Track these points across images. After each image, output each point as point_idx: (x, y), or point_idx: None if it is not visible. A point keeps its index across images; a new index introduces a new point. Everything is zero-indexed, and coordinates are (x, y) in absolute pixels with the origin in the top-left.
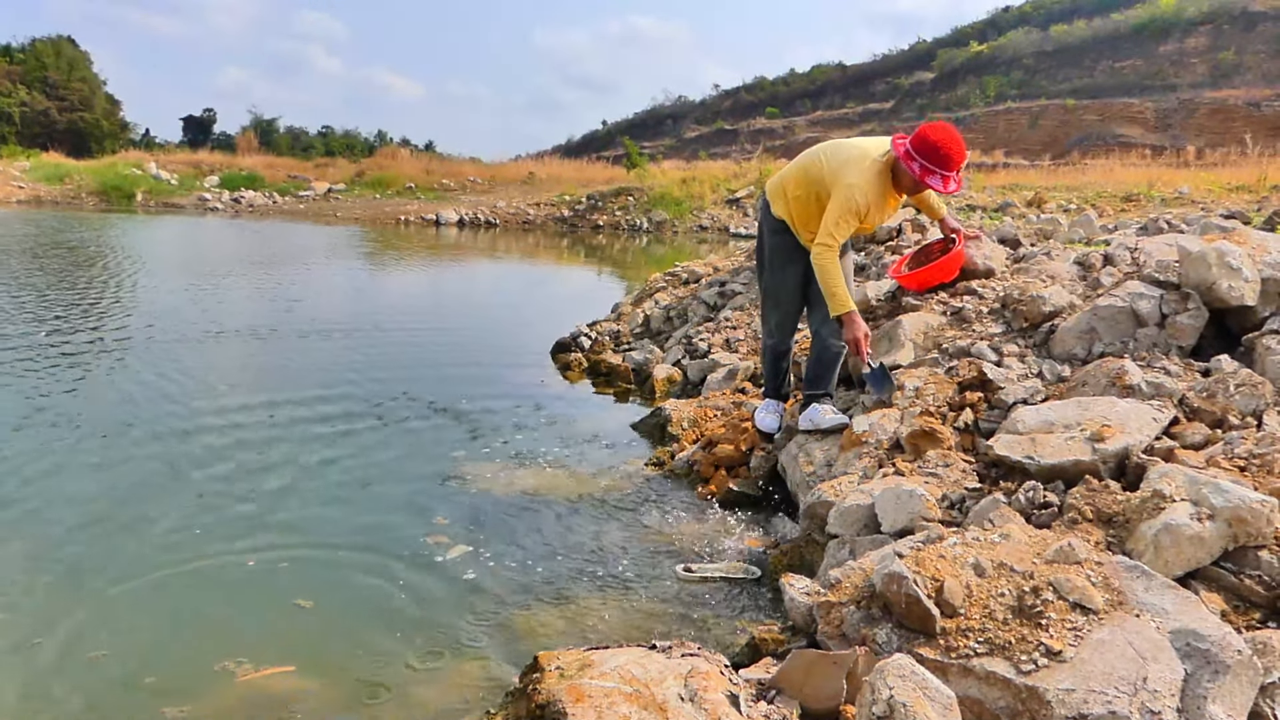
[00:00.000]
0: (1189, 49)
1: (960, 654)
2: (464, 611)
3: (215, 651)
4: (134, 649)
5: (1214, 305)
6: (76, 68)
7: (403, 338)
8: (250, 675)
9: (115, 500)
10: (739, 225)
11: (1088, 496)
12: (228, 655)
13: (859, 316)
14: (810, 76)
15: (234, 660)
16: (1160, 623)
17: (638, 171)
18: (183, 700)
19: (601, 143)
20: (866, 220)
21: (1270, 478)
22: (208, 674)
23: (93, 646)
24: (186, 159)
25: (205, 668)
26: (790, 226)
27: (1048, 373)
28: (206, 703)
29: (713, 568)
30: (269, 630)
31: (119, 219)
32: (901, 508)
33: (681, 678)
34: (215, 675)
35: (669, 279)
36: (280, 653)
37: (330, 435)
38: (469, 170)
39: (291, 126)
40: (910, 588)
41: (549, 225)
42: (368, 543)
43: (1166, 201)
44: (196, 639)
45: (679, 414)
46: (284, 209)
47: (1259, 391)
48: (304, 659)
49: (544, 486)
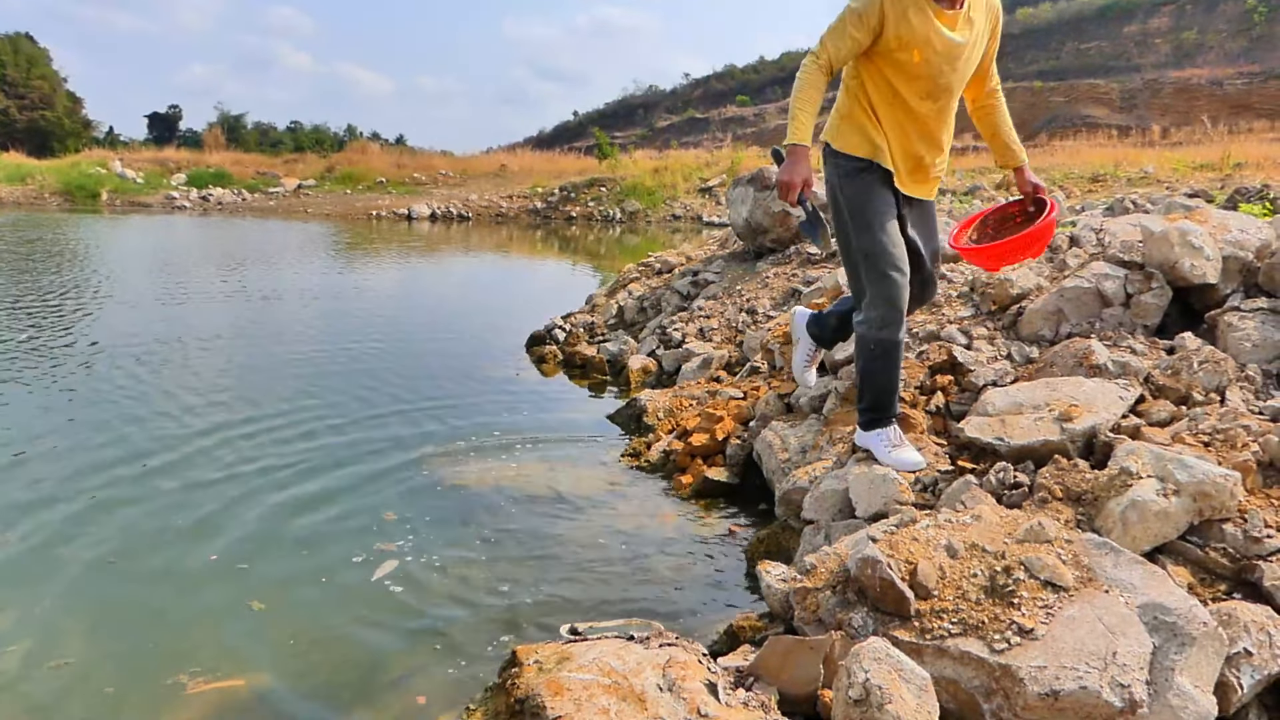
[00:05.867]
0: (1152, 29)
1: (935, 635)
2: (438, 608)
3: (175, 658)
4: (92, 657)
5: (1177, 284)
6: (36, 65)
7: (375, 334)
8: (212, 684)
9: (68, 507)
10: (712, 214)
11: (1057, 476)
12: (192, 660)
13: (805, 157)
14: (780, 64)
15: (199, 666)
16: (1128, 598)
17: (610, 162)
18: (144, 713)
19: (573, 134)
20: (889, 36)
21: (1233, 452)
22: (165, 681)
23: (55, 654)
24: (152, 157)
25: (162, 676)
26: None
27: (1016, 354)
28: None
29: (604, 626)
30: (230, 634)
31: (83, 219)
32: (875, 492)
33: (660, 668)
34: (173, 684)
35: (642, 269)
36: (248, 656)
37: (298, 435)
38: (440, 164)
39: (259, 122)
40: (884, 571)
41: (522, 217)
42: (335, 541)
43: (1132, 181)
44: (153, 645)
45: (654, 404)
46: (253, 206)
47: (1221, 368)
48: (273, 661)
49: (519, 480)
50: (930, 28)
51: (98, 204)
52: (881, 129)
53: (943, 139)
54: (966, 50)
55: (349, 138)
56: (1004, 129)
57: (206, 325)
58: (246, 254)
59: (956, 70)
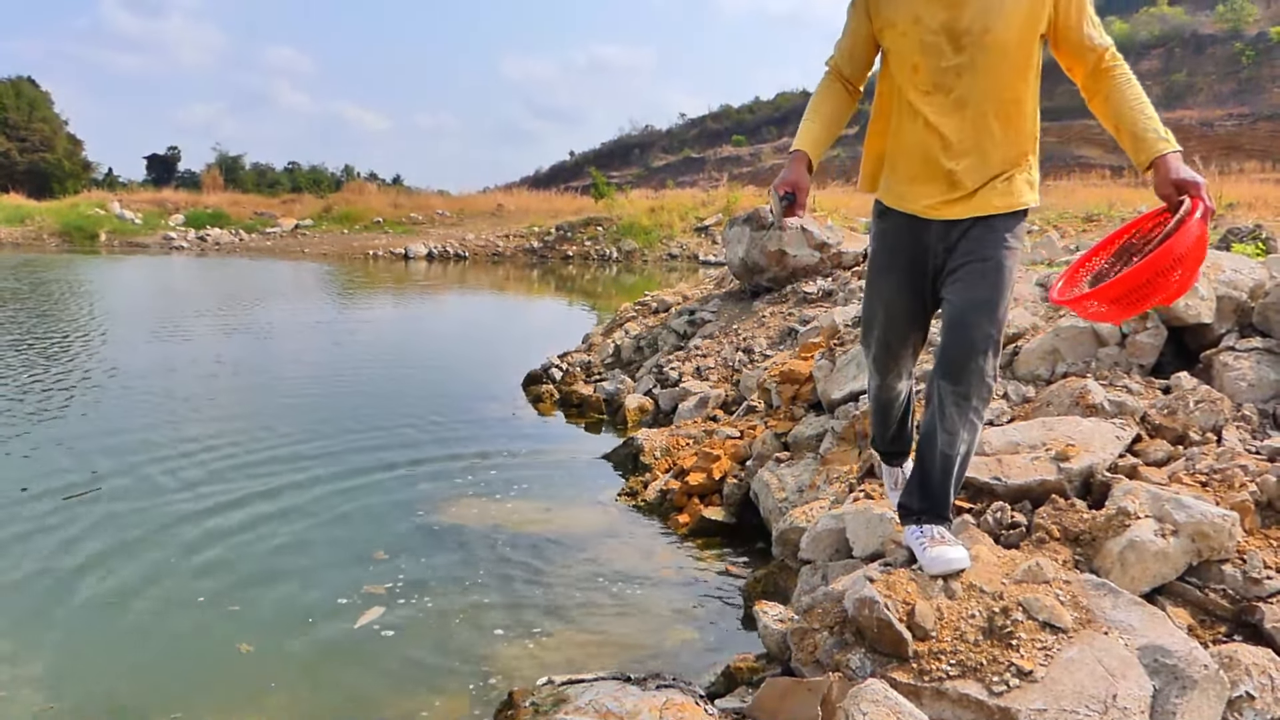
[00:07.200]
0: (1143, 71)
1: (933, 677)
2: (434, 649)
3: (162, 702)
4: (79, 700)
5: (1172, 323)
6: (37, 108)
7: (372, 373)
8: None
9: (55, 541)
10: (708, 253)
11: (1054, 515)
12: (178, 705)
13: (798, 162)
14: (775, 104)
15: (182, 713)
16: (1128, 639)
17: (606, 201)
18: None
19: (570, 173)
20: (877, 18)
21: (1231, 492)
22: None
23: (40, 698)
24: (150, 198)
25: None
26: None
27: (1013, 394)
28: None
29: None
30: (218, 678)
31: (84, 260)
32: (872, 532)
33: (657, 710)
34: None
35: (639, 308)
36: (236, 702)
37: (295, 470)
38: (437, 203)
39: (257, 163)
40: (882, 612)
41: (519, 257)
42: (325, 582)
43: (1126, 221)
44: (139, 687)
45: (651, 444)
46: (251, 246)
47: (1218, 408)
48: (260, 706)
49: (515, 519)
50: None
51: (96, 245)
52: (890, 149)
53: (970, 139)
54: (969, 19)
55: (346, 178)
56: (1128, 114)
57: (200, 362)
58: (242, 293)
59: (964, 49)
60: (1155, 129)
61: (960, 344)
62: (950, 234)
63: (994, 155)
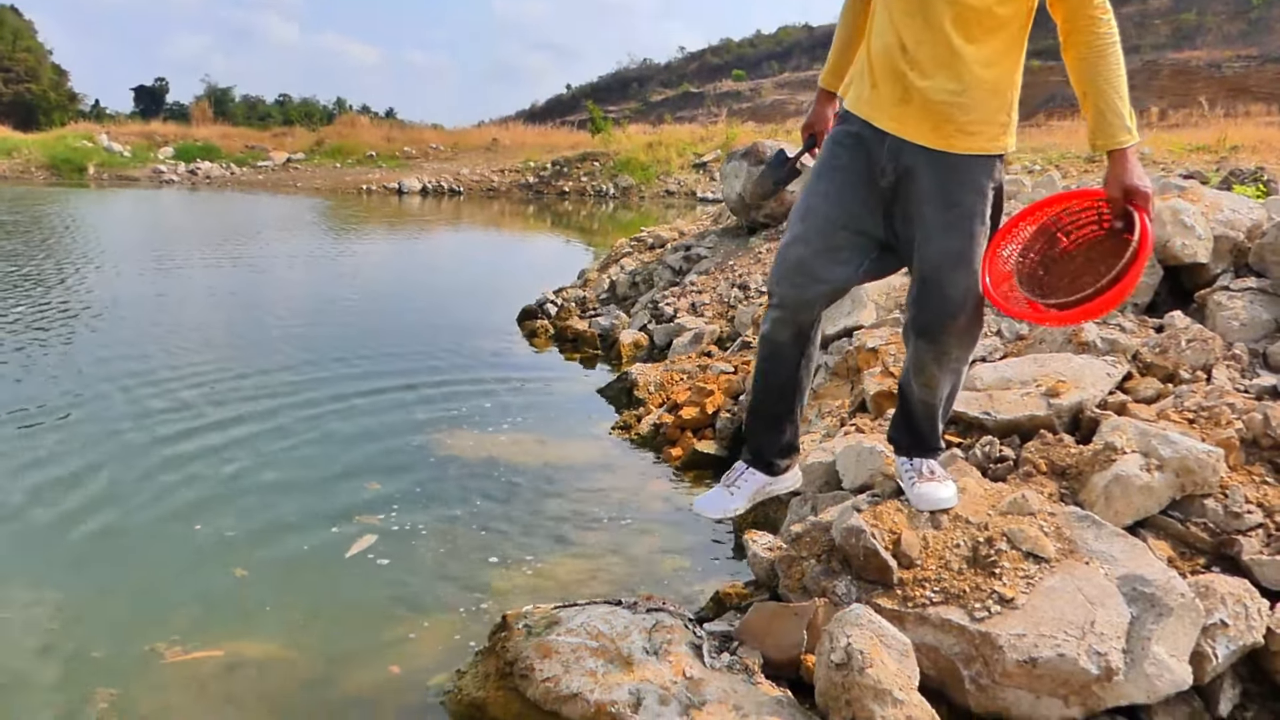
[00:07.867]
0: (1151, 10)
1: (917, 603)
2: (429, 575)
3: (155, 625)
4: (72, 625)
5: (1168, 262)
6: (21, 38)
7: (367, 309)
8: (191, 655)
9: (53, 473)
10: (705, 189)
11: (1042, 450)
12: (172, 629)
13: (819, 102)
14: (776, 38)
15: (179, 635)
16: (1109, 569)
17: (603, 136)
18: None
19: (566, 108)
20: None
21: (1217, 429)
22: (143, 648)
23: (35, 622)
24: (139, 130)
25: (140, 643)
26: None
27: (1006, 331)
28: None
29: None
30: (212, 602)
31: (72, 194)
32: (862, 464)
33: (646, 632)
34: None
35: (635, 244)
36: (229, 625)
37: (290, 406)
38: (431, 137)
39: (247, 95)
40: (868, 541)
41: (514, 192)
42: (325, 510)
43: None
44: (133, 612)
45: (645, 378)
46: (242, 180)
47: (1209, 347)
48: (254, 630)
49: (510, 453)
50: None
51: (84, 178)
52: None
53: (935, 55)
54: None
55: (338, 111)
56: (1099, 87)
57: (194, 297)
58: (237, 228)
59: None
60: (1122, 113)
61: (935, 303)
62: (902, 156)
63: (956, 86)
